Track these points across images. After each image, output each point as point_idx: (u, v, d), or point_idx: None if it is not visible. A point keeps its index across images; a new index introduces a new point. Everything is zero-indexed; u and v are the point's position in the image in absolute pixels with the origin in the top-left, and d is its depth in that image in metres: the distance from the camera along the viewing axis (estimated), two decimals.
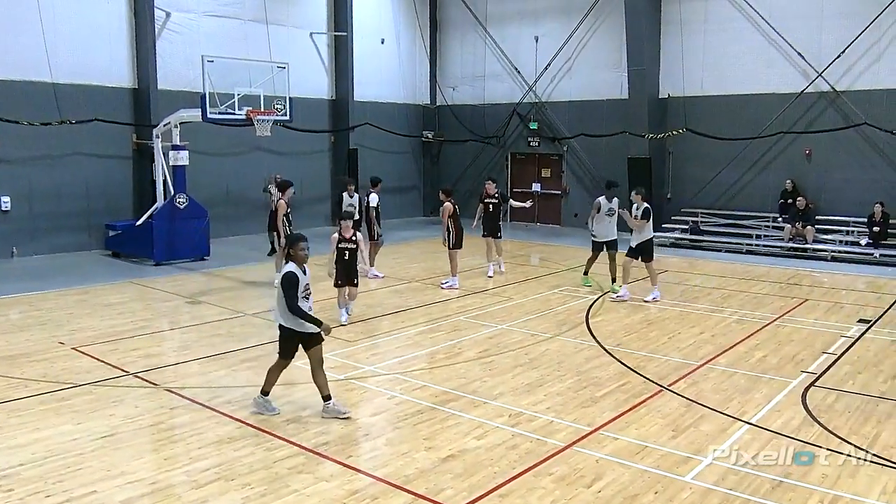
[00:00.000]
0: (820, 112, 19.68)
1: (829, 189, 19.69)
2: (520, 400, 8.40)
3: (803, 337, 11.18)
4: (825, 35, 19.34)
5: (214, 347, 10.49)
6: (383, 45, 25.81)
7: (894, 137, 18.34)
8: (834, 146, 19.49)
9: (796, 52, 19.65)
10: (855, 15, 18.80)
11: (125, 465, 6.62)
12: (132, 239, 17.50)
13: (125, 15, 19.03)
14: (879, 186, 18.78)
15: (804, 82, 19.72)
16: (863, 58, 18.93)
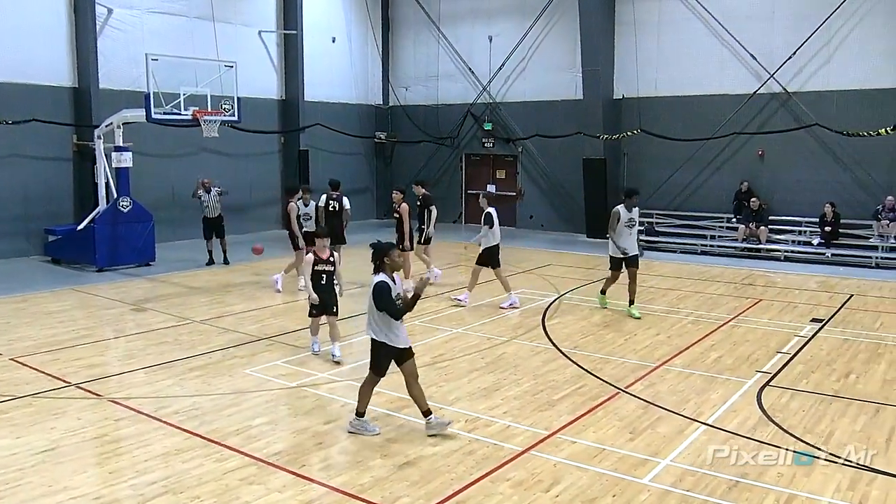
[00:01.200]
0: (772, 113, 20.13)
1: (782, 189, 20.14)
2: (476, 405, 8.42)
3: (758, 337, 11.41)
4: (777, 37, 19.80)
5: (161, 356, 10.31)
6: (334, 44, 25.68)
7: (845, 138, 18.83)
8: (786, 147, 19.94)
9: (749, 54, 20.08)
10: (806, 17, 19.27)
11: (68, 480, 6.47)
12: (73, 244, 17.12)
13: (65, 11, 18.63)
14: (830, 187, 19.28)
15: (756, 83, 20.15)
16: (813, 59, 19.41)
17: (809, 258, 18.47)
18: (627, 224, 12.77)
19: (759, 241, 19.32)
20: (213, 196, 17.00)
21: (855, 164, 19.08)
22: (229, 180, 18.57)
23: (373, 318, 7.45)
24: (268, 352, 10.54)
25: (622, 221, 12.71)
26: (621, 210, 12.74)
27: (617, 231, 12.72)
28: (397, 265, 7.57)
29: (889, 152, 18.71)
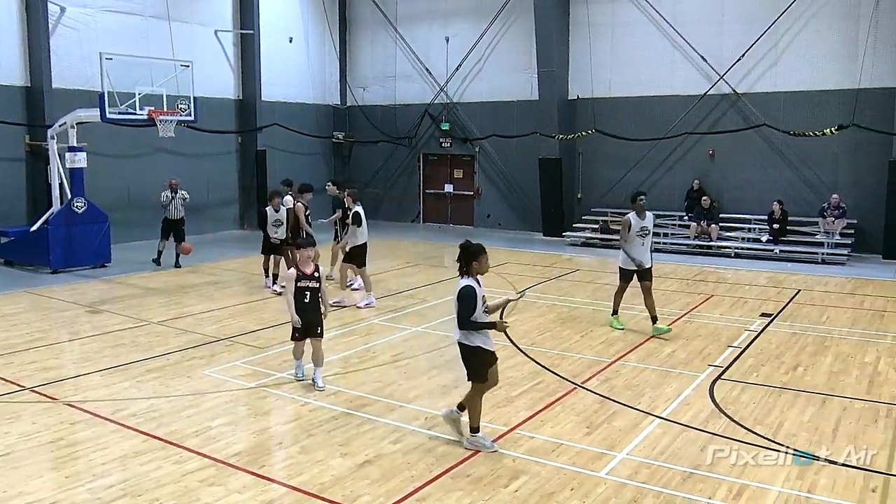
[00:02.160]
0: (722, 113, 20.48)
1: (732, 188, 20.51)
2: (436, 402, 8.42)
3: (710, 332, 11.60)
4: (726, 40, 20.15)
5: (118, 358, 10.13)
6: (291, 43, 25.46)
7: (791, 138, 19.25)
8: (735, 147, 20.31)
9: (699, 56, 20.40)
10: (754, 20, 19.65)
11: (23, 486, 6.33)
12: (27, 246, 16.72)
13: (15, 9, 18.20)
14: (778, 185, 19.69)
15: (707, 85, 20.48)
16: (761, 61, 19.79)
17: (759, 255, 18.83)
18: (640, 233, 11.55)
19: (710, 238, 19.64)
20: (179, 198, 16.76)
21: (801, 163, 19.51)
22: (187, 180, 18.27)
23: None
24: (227, 352, 10.42)
25: (634, 230, 11.52)
26: (632, 218, 11.56)
27: (629, 241, 11.51)
28: (484, 269, 7.41)
29: (833, 152, 19.18)
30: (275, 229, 14.51)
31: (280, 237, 14.45)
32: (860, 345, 10.93)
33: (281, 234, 14.47)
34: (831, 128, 18.53)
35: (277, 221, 14.54)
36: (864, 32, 18.46)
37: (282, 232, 14.47)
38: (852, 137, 18.67)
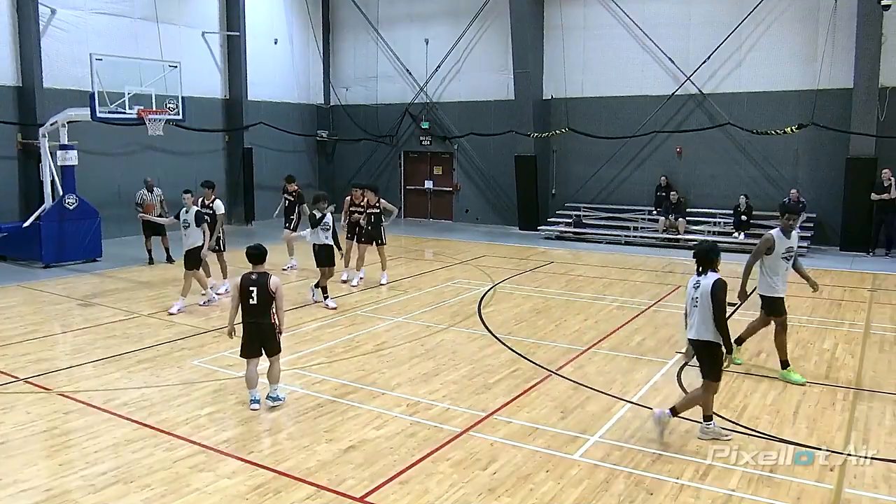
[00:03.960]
0: (689, 113, 20.61)
1: (698, 184, 20.66)
2: (417, 389, 8.44)
3: (677, 320, 11.62)
4: (693, 42, 20.27)
5: (109, 349, 10.05)
6: (276, 45, 25.31)
7: (755, 136, 19.41)
8: (702, 144, 20.45)
9: (667, 58, 20.50)
10: (719, 24, 19.78)
11: (17, 474, 6.27)
12: (19, 241, 16.52)
13: (6, 10, 17.93)
14: (742, 181, 19.86)
15: (674, 85, 20.60)
16: (726, 63, 19.93)
17: (724, 247, 18.86)
18: (785, 255, 8.94)
19: (678, 231, 19.78)
20: (156, 197, 16.63)
21: (763, 160, 19.69)
22: (175, 178, 18.14)
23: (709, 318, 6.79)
24: (215, 343, 10.36)
25: (778, 252, 8.89)
26: (776, 236, 8.92)
27: (768, 265, 9.01)
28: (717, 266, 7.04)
29: (794, 149, 19.37)
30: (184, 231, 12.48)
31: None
32: (819, 332, 11.07)
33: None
34: (792, 126, 18.70)
35: (185, 222, 12.40)
36: (823, 36, 18.64)
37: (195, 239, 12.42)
38: (812, 136, 18.85)
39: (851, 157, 18.18)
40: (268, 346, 7.77)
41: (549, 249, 19.44)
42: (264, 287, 7.61)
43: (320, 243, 12.61)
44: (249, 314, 7.69)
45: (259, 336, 7.73)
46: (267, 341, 7.75)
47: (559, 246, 20.07)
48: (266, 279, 7.63)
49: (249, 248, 7.81)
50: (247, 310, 7.69)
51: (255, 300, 7.62)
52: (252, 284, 7.62)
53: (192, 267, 12.25)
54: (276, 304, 7.70)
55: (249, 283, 7.64)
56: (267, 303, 7.64)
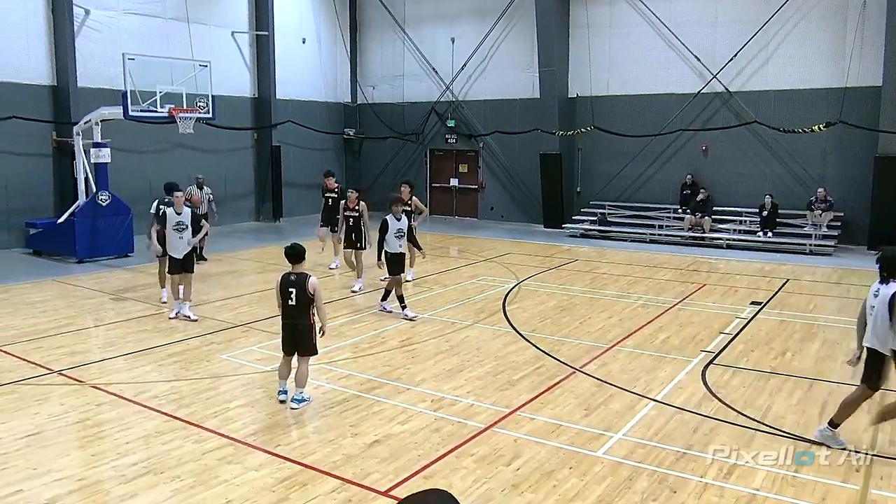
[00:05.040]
0: (715, 111, 20.39)
1: (724, 182, 20.44)
2: (441, 385, 8.45)
3: (702, 319, 11.58)
4: (719, 40, 20.05)
5: (140, 343, 10.18)
6: (304, 44, 25.44)
7: (781, 134, 19.17)
8: (728, 142, 20.23)
9: (693, 56, 20.30)
10: (746, 21, 19.54)
11: (51, 463, 6.37)
12: (54, 237, 16.78)
13: (42, 12, 18.19)
14: (768, 179, 19.63)
15: (700, 83, 20.39)
16: (753, 61, 19.69)
17: (750, 246, 18.78)
18: None
19: (704, 230, 19.60)
20: (205, 194, 16.66)
21: (790, 158, 19.43)
22: (205, 175, 18.26)
23: (884, 328, 6.46)
24: (243, 338, 10.45)
25: None
26: None
27: None
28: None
29: (821, 148, 19.08)
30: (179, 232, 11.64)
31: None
32: (846, 332, 10.87)
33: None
34: (819, 125, 18.44)
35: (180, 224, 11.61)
36: (851, 33, 18.34)
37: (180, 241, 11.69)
38: (839, 134, 18.57)
39: (880, 155, 17.88)
40: (302, 347, 7.75)
41: (574, 247, 19.35)
42: (303, 288, 7.55)
43: (393, 251, 11.71)
44: (287, 315, 7.68)
45: (295, 336, 7.71)
46: (302, 342, 7.72)
47: (584, 244, 19.97)
48: (304, 280, 7.57)
49: (287, 248, 7.79)
50: (285, 310, 7.69)
51: (293, 301, 7.59)
52: (291, 285, 7.59)
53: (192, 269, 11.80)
54: (316, 304, 7.66)
55: (288, 284, 7.61)
56: (305, 304, 7.59)
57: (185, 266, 11.56)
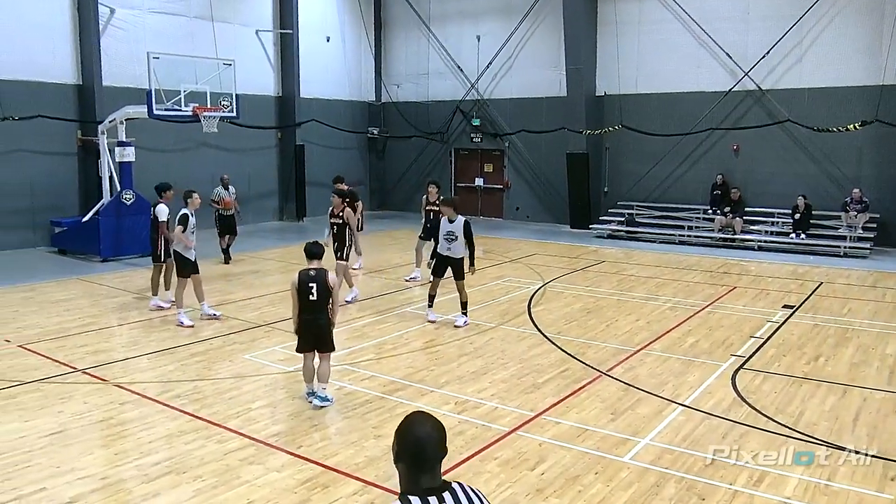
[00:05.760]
0: (746, 109, 20.17)
1: (756, 182, 20.22)
2: (465, 388, 8.44)
3: (732, 322, 11.47)
4: (751, 36, 19.84)
5: (163, 342, 10.29)
6: (329, 43, 25.58)
7: (815, 133, 18.93)
8: (760, 142, 20.01)
9: (724, 53, 20.11)
10: (779, 17, 19.32)
11: (75, 462, 6.46)
12: (78, 235, 17.03)
13: (68, 11, 18.47)
14: (801, 180, 19.37)
15: (731, 81, 20.19)
16: (786, 58, 19.46)
17: (782, 248, 18.57)
18: None
19: (734, 231, 19.41)
20: (231, 193, 16.76)
21: (824, 158, 19.17)
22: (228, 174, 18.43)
23: None
24: (266, 338, 10.53)
25: None
26: None
27: None
28: None
29: (857, 147, 18.82)
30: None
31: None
32: (881, 336, 10.74)
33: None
34: (855, 123, 18.19)
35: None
36: (889, 29, 18.03)
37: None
38: (875, 133, 18.30)
39: None
40: (322, 342, 7.83)
41: (601, 248, 19.26)
42: (323, 283, 7.66)
43: (440, 253, 11.34)
44: (308, 310, 7.72)
45: (315, 332, 7.77)
46: (322, 337, 7.81)
47: (611, 245, 19.86)
48: (324, 275, 7.70)
49: (308, 245, 7.95)
50: (305, 306, 7.72)
51: (314, 296, 7.66)
52: (311, 280, 7.67)
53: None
54: (333, 298, 7.80)
55: (308, 280, 7.68)
56: (326, 299, 7.72)
57: (197, 267, 11.58)
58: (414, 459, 2.64)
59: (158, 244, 12.14)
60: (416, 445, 2.65)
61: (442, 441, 2.69)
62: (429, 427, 2.68)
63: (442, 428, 2.71)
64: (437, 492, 2.62)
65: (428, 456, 2.64)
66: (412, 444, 2.65)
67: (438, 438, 2.68)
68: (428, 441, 2.64)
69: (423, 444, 2.64)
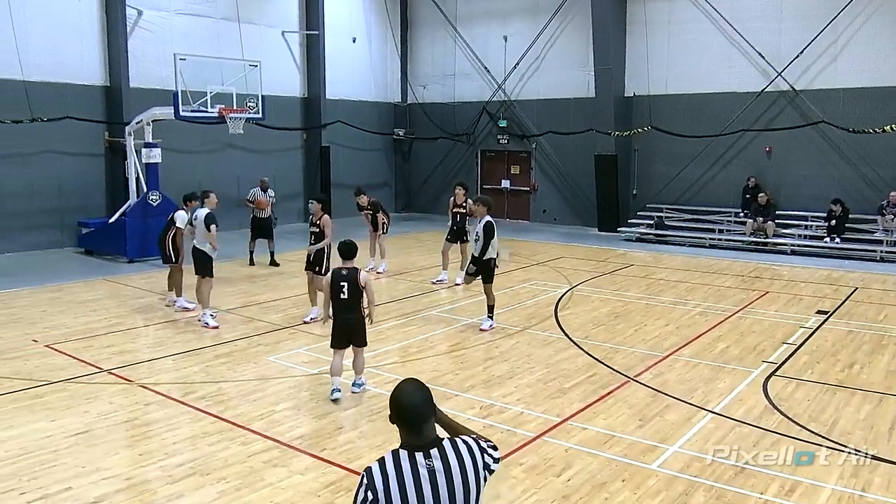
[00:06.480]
0: (779, 110, 19.94)
1: (789, 185, 19.98)
2: (490, 392, 8.43)
3: (764, 328, 11.34)
4: (784, 36, 19.62)
5: (188, 343, 10.39)
6: (355, 43, 25.70)
7: (851, 135, 18.66)
8: (793, 143, 19.77)
9: (757, 53, 19.90)
10: (813, 17, 19.08)
11: (100, 462, 6.55)
12: (105, 236, 17.26)
13: (96, 13, 18.74)
14: (836, 182, 19.11)
15: (764, 82, 19.98)
16: (820, 58, 19.21)
17: (815, 252, 18.32)
18: None
19: (767, 235, 19.19)
20: (268, 196, 16.82)
21: (860, 160, 18.90)
22: (254, 175, 18.57)
23: None
24: (290, 340, 10.60)
25: None
26: None
27: None
28: None
29: (893, 149, 18.50)
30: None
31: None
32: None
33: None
34: (892, 125, 17.89)
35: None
36: None
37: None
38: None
39: None
40: (355, 339, 8.19)
41: (629, 252, 19.14)
42: (354, 281, 7.96)
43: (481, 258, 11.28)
44: (339, 308, 8.04)
45: (347, 329, 8.10)
46: (354, 334, 8.15)
47: (640, 248, 19.73)
48: (356, 274, 7.99)
49: (341, 244, 8.19)
50: (337, 304, 8.03)
51: (345, 294, 7.96)
52: (342, 279, 7.98)
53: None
54: (368, 297, 8.14)
55: (340, 278, 7.99)
56: (357, 297, 8.01)
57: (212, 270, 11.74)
58: (403, 421, 3.04)
59: (168, 246, 12.43)
60: (405, 409, 3.04)
61: (426, 404, 3.06)
62: (414, 392, 3.08)
63: (426, 391, 3.10)
64: (425, 448, 3.00)
65: (414, 417, 3.03)
66: (401, 408, 3.04)
67: (425, 400, 3.07)
68: (414, 404, 3.04)
69: (410, 407, 3.03)
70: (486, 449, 3.15)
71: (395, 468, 2.97)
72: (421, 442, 3.03)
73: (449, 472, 3.00)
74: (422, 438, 3.03)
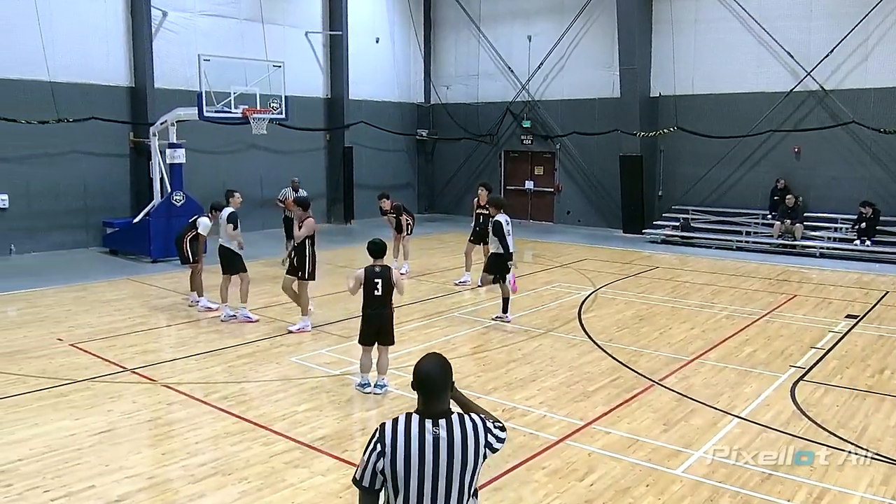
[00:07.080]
0: (809, 111, 19.72)
1: (818, 186, 19.74)
2: (513, 395, 8.41)
3: (792, 332, 11.22)
4: (814, 35, 19.39)
5: (211, 343, 10.48)
6: (378, 44, 25.77)
7: (882, 136, 18.41)
8: (822, 144, 19.53)
9: (785, 52, 19.69)
10: (843, 15, 18.85)
11: (123, 460, 6.62)
12: (129, 236, 17.45)
13: (122, 14, 18.95)
14: (867, 184, 18.86)
15: (793, 81, 19.76)
16: (851, 57, 18.98)
17: (845, 255, 18.08)
18: None
19: (795, 237, 18.98)
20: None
21: (892, 161, 18.63)
22: (277, 176, 18.72)
23: None
24: (313, 340, 10.65)
25: None
26: None
27: None
28: None
29: None
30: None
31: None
32: None
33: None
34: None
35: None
36: None
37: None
38: None
39: None
40: (383, 335, 8.42)
41: (655, 254, 19.02)
42: (388, 279, 8.29)
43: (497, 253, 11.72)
44: (372, 304, 8.32)
45: (378, 325, 8.36)
46: (383, 330, 8.40)
47: (665, 250, 19.60)
48: (388, 272, 8.34)
49: (370, 243, 8.44)
50: (370, 300, 8.32)
51: (379, 291, 8.27)
52: (376, 276, 8.28)
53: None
54: (398, 291, 8.45)
55: (374, 276, 8.29)
56: (389, 293, 8.34)
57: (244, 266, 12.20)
58: (421, 389, 3.35)
59: (185, 247, 12.66)
60: (423, 377, 3.36)
61: (444, 377, 3.40)
62: (435, 365, 3.41)
63: (447, 367, 3.44)
64: (436, 417, 3.30)
65: (430, 386, 3.35)
66: (420, 376, 3.36)
67: (443, 374, 3.40)
68: (432, 375, 3.37)
69: (429, 376, 3.36)
70: (491, 429, 3.42)
71: (405, 429, 3.29)
72: (433, 410, 3.33)
73: (452, 443, 3.27)
74: (435, 407, 3.33)
